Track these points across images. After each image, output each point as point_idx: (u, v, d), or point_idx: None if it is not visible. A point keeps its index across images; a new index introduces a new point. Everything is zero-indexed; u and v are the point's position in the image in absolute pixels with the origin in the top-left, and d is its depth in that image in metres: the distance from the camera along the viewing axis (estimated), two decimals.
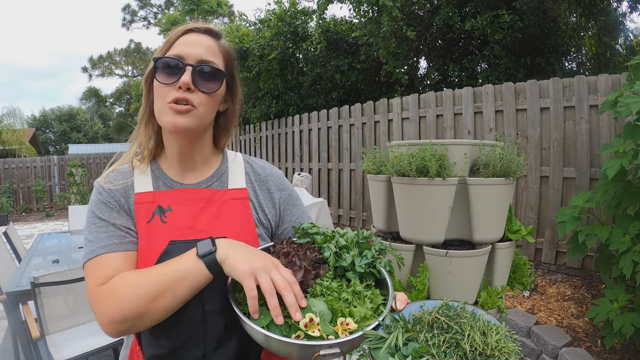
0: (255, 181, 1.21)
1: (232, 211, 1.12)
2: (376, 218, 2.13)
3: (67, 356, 2.71)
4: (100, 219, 1.04)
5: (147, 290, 0.91)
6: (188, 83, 1.01)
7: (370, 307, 0.90)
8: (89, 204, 1.10)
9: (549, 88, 4.64)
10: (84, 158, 15.33)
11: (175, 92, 1.01)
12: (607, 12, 7.76)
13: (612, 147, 2.94)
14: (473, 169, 1.87)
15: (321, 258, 1.00)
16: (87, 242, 1.02)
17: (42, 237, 4.70)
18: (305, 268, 0.93)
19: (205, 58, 1.04)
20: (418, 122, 6.11)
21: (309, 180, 6.62)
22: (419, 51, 8.69)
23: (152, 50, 29.48)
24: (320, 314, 0.86)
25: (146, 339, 1.03)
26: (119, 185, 1.10)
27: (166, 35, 1.09)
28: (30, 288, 2.57)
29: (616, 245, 2.83)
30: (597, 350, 3.24)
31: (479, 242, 1.80)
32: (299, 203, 1.27)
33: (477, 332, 0.79)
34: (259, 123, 10.38)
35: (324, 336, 0.83)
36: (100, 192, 1.08)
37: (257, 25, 9.99)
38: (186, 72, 1.01)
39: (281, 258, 0.96)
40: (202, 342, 1.01)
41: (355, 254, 1.00)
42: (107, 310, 0.92)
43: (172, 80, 1.01)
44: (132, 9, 30.72)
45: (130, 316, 0.91)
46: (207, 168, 1.17)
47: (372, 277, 0.99)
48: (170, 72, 1.02)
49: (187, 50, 1.04)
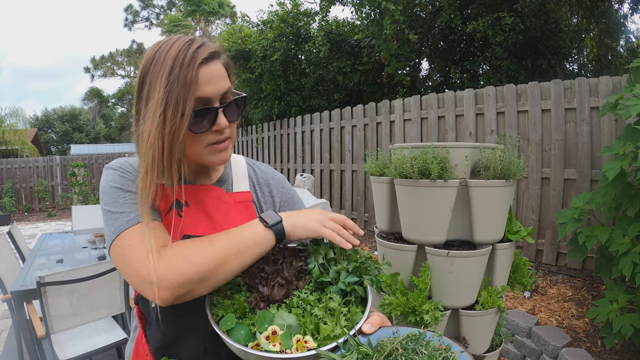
0: (257, 184, 1.24)
1: (239, 214, 1.14)
2: (379, 219, 2.15)
3: (71, 355, 2.74)
4: (130, 192, 1.01)
5: (214, 256, 0.91)
6: (226, 125, 1.00)
7: (344, 325, 0.87)
8: (103, 183, 1.05)
9: (550, 90, 4.65)
10: (86, 158, 15.38)
11: (214, 136, 1.00)
12: (608, 13, 7.78)
13: (612, 149, 2.96)
14: (474, 171, 1.90)
15: (306, 269, 0.98)
16: (118, 215, 0.98)
17: (45, 237, 4.74)
18: (287, 278, 0.94)
19: (225, 89, 1.01)
20: (420, 124, 6.13)
21: (312, 181, 6.64)
22: (420, 53, 8.71)
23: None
24: (286, 327, 0.86)
25: (153, 331, 1.06)
26: (132, 169, 1.07)
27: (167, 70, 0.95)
28: (36, 287, 2.60)
29: (616, 247, 2.84)
30: (597, 350, 3.26)
31: (479, 243, 1.83)
32: (298, 207, 1.28)
33: None
34: (261, 124, 10.41)
35: (281, 350, 0.82)
36: (121, 171, 1.05)
37: (259, 26, 10.02)
38: (219, 115, 0.99)
39: (270, 265, 0.97)
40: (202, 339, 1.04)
41: (342, 268, 0.98)
42: (169, 274, 0.88)
43: (208, 127, 0.99)
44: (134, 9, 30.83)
45: (193, 280, 0.89)
46: (215, 172, 1.19)
47: (357, 294, 0.95)
48: (203, 119, 0.98)
49: (209, 90, 0.97)
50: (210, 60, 0.98)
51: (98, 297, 2.92)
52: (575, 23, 8.21)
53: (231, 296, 0.95)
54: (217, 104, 0.99)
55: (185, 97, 0.93)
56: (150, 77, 0.97)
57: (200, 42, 1.00)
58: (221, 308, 0.91)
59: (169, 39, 1.01)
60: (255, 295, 0.93)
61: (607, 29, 7.96)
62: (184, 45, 0.97)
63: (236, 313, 0.91)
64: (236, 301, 0.92)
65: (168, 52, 0.96)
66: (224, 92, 1.00)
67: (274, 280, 0.94)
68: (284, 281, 0.94)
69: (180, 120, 0.93)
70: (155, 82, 0.95)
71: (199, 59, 0.95)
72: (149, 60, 0.99)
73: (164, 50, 0.97)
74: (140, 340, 1.10)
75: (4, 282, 3.43)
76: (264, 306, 0.91)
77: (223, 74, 1.01)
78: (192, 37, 1.01)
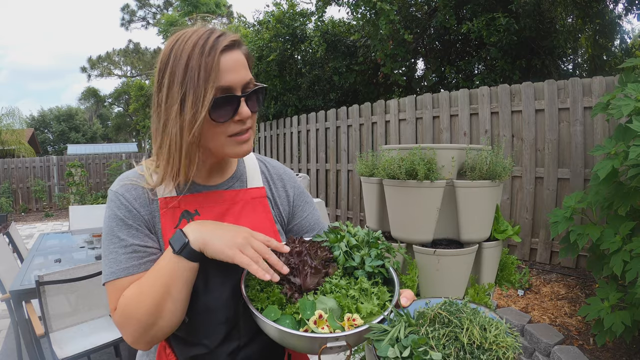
0: (270, 179, 1.23)
1: (253, 210, 1.14)
2: (369, 218, 2.19)
3: (70, 353, 2.77)
4: (119, 238, 1.00)
5: (147, 302, 0.93)
6: (249, 115, 0.99)
7: (377, 304, 0.93)
8: (106, 214, 1.04)
9: (544, 90, 4.70)
10: (83, 158, 15.38)
11: (236, 126, 0.99)
12: (603, 14, 7.82)
13: (604, 149, 3.00)
14: (460, 172, 1.94)
15: (331, 257, 1.02)
16: (107, 261, 1.00)
17: (43, 237, 4.76)
18: (316, 267, 0.97)
19: (247, 78, 0.99)
20: (415, 124, 6.17)
21: (307, 181, 6.67)
22: (416, 53, 8.75)
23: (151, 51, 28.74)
24: (329, 311, 0.90)
25: (183, 343, 1.04)
26: (137, 193, 1.05)
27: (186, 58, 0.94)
28: (35, 286, 2.62)
29: (607, 245, 2.88)
30: (589, 348, 3.30)
31: (466, 242, 1.87)
32: (310, 200, 1.30)
33: (476, 326, 0.82)
34: (258, 124, 10.42)
35: (332, 331, 0.86)
36: (117, 206, 1.03)
37: (255, 26, 10.04)
38: (241, 104, 0.97)
39: (294, 257, 0.99)
40: (237, 335, 1.04)
41: (365, 253, 1.03)
42: (125, 334, 0.96)
43: (230, 116, 0.97)
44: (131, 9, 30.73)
45: (144, 331, 0.94)
46: (228, 169, 1.17)
47: (381, 276, 1.01)
48: (224, 108, 0.96)
49: (232, 79, 0.96)
50: (232, 48, 0.97)
51: (96, 296, 2.95)
52: (570, 23, 8.25)
53: (263, 290, 0.97)
54: (239, 93, 0.97)
55: (206, 85, 0.92)
56: (170, 66, 0.96)
57: (220, 31, 0.98)
58: (259, 302, 0.94)
59: (187, 30, 0.99)
60: (288, 286, 0.96)
61: (602, 29, 8.00)
62: (205, 34, 0.96)
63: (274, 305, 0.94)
64: (271, 294, 0.95)
65: (188, 40, 0.95)
66: (246, 82, 0.99)
67: (304, 270, 0.97)
68: (314, 270, 0.97)
69: (201, 108, 0.92)
70: (176, 71, 0.94)
71: (220, 46, 0.94)
72: (168, 49, 0.98)
73: (184, 40, 0.96)
74: (162, 350, 1.06)
75: (3, 282, 3.46)
76: (298, 296, 0.95)
77: (244, 63, 1.00)
78: (212, 27, 0.99)
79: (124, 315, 0.95)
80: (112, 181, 1.21)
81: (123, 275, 0.99)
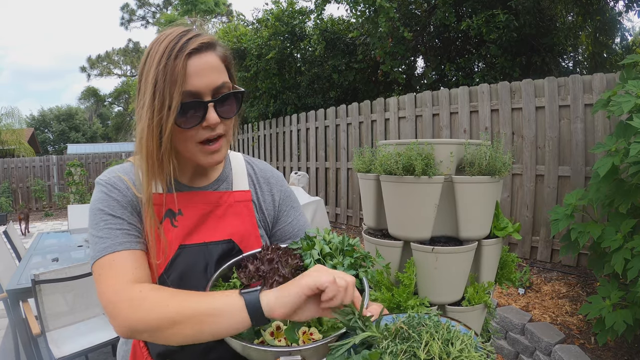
0: (256, 182, 1.21)
1: (237, 213, 1.12)
2: (366, 215, 2.17)
3: (67, 352, 2.75)
4: (113, 216, 0.98)
5: (170, 313, 0.86)
6: (217, 121, 0.95)
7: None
8: (92, 202, 1.02)
9: (544, 87, 4.67)
10: (83, 158, 15.36)
11: (204, 132, 0.96)
12: (603, 11, 7.79)
13: (605, 146, 2.97)
14: (459, 167, 1.92)
15: (302, 265, 0.98)
16: (97, 239, 0.96)
17: (41, 236, 4.74)
18: (284, 276, 0.93)
19: (218, 82, 0.96)
20: (414, 121, 6.15)
21: (306, 180, 6.65)
22: (416, 51, 8.72)
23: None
24: (290, 322, 0.87)
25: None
26: (126, 185, 1.04)
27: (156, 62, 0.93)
28: (31, 285, 2.61)
29: (608, 243, 2.86)
30: (590, 347, 3.28)
31: (465, 239, 1.85)
32: (296, 205, 1.27)
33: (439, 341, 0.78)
34: (257, 122, 10.41)
35: (288, 344, 0.83)
36: (108, 189, 1.01)
37: (254, 25, 10.01)
38: (209, 110, 0.94)
39: (265, 264, 0.96)
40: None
41: (338, 262, 0.98)
42: (131, 316, 0.87)
43: (196, 122, 0.94)
44: (130, 8, 30.74)
45: (151, 328, 0.87)
46: (214, 171, 1.16)
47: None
48: (191, 114, 0.93)
49: (199, 83, 0.93)
50: (201, 51, 0.94)
51: (93, 295, 2.93)
52: (570, 20, 8.23)
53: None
54: (208, 98, 0.95)
55: (172, 89, 0.90)
56: (145, 71, 0.95)
57: (194, 32, 0.96)
58: None
59: (165, 32, 0.97)
60: None
61: (602, 26, 7.97)
62: (177, 37, 0.94)
63: None
64: None
65: (162, 43, 0.94)
66: (217, 87, 0.96)
67: (272, 279, 0.94)
68: (282, 279, 0.93)
69: (167, 113, 0.90)
70: (148, 75, 0.93)
71: (188, 49, 0.92)
72: (146, 53, 0.97)
73: (159, 42, 0.95)
74: (137, 343, 1.06)
75: (0, 281, 3.44)
76: None
77: (217, 67, 0.97)
78: (188, 28, 0.97)
79: (133, 307, 0.88)
80: None
81: (120, 249, 0.95)
